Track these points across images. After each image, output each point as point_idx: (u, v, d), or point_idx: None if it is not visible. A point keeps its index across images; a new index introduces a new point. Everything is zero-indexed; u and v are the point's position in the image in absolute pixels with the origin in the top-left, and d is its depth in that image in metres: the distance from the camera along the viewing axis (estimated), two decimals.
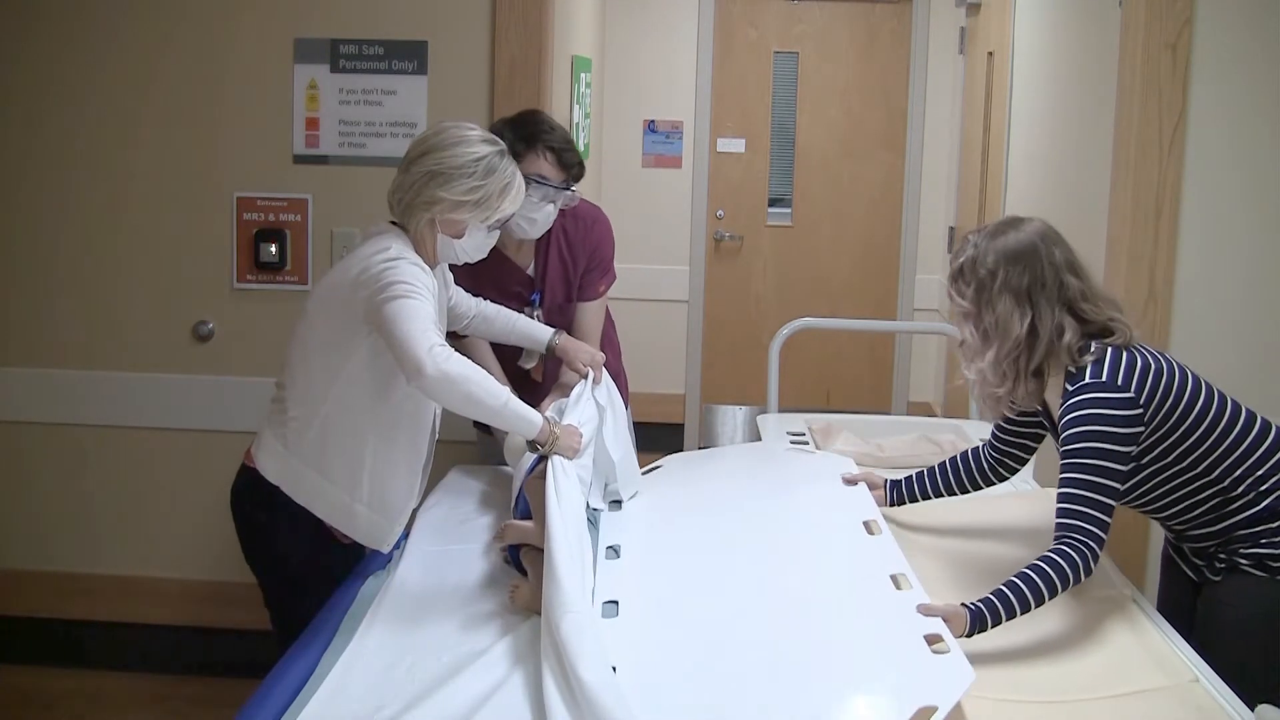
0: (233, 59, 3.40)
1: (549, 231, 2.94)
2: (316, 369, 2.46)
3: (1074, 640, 2.20)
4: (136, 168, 3.45)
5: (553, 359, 2.91)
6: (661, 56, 6.13)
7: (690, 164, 6.20)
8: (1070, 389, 2.27)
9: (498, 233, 2.57)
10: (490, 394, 2.31)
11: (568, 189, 2.86)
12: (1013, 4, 4.57)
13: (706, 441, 6.31)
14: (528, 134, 2.80)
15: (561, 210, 2.92)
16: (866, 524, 2.50)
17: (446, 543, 2.62)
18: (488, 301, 2.85)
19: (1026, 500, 2.82)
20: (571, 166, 2.83)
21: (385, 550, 2.56)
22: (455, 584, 2.41)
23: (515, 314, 2.87)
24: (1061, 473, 2.25)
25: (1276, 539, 2.30)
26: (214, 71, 3.41)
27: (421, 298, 2.32)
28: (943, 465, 2.67)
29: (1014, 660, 2.13)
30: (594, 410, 2.68)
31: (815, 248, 6.28)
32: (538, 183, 2.78)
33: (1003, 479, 2.64)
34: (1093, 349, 2.28)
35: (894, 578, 2.24)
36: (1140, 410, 2.24)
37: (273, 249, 3.42)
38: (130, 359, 3.52)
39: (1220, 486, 2.32)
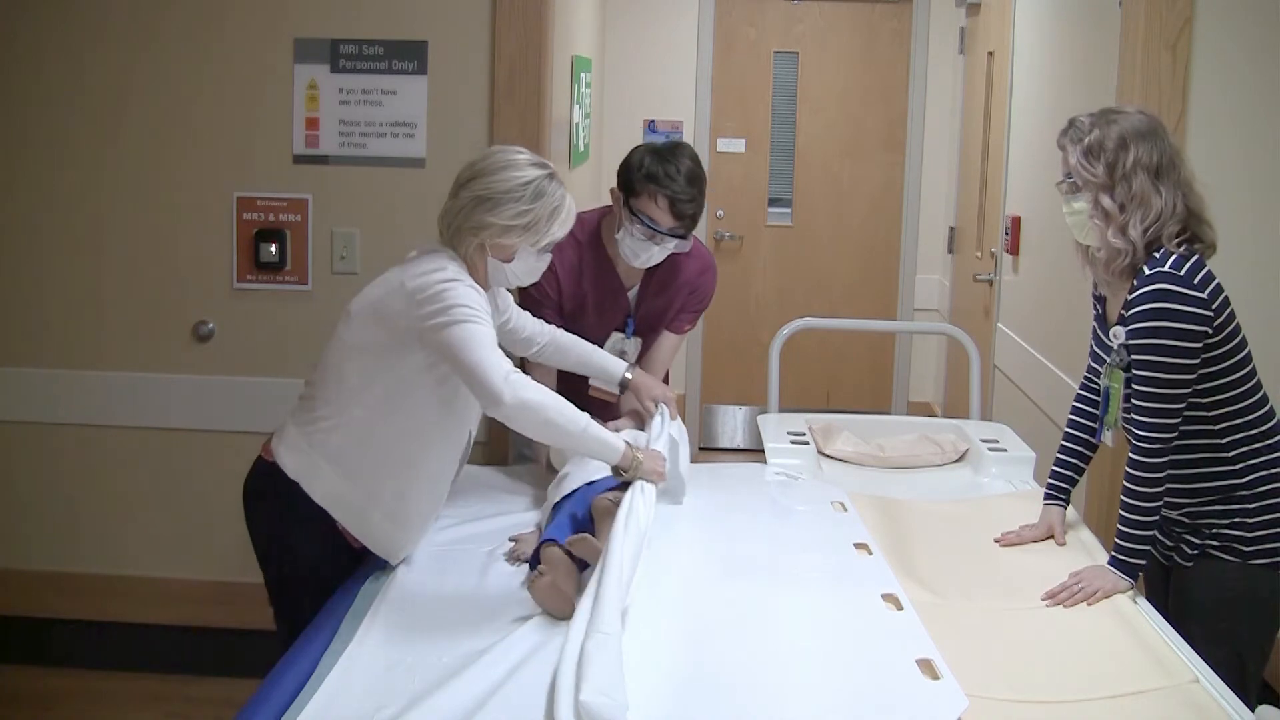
0: (233, 59, 3.40)
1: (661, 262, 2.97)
2: (351, 373, 2.44)
3: (1074, 640, 2.21)
4: (136, 167, 3.45)
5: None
6: (661, 56, 6.13)
7: None
8: (1148, 272, 2.30)
9: (549, 256, 2.56)
10: (569, 419, 2.34)
11: (679, 237, 2.85)
12: (1013, 4, 4.57)
13: (706, 442, 6.31)
14: (651, 173, 2.80)
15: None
16: (858, 546, 2.52)
17: (448, 543, 2.62)
18: (561, 330, 2.86)
19: (1026, 500, 2.82)
20: (684, 218, 2.82)
21: (394, 562, 2.52)
22: (456, 584, 2.41)
23: (591, 346, 2.88)
24: (1134, 369, 2.32)
25: (1250, 521, 2.34)
26: (214, 71, 3.40)
27: (484, 322, 2.33)
28: (1065, 445, 2.64)
29: (1014, 660, 2.13)
30: (671, 446, 2.71)
31: (815, 248, 6.28)
32: (645, 224, 2.81)
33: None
34: (1179, 248, 2.31)
35: (885, 597, 2.26)
36: (1211, 314, 2.28)
37: (273, 249, 3.41)
38: (130, 359, 3.52)
39: (1216, 442, 2.35)
